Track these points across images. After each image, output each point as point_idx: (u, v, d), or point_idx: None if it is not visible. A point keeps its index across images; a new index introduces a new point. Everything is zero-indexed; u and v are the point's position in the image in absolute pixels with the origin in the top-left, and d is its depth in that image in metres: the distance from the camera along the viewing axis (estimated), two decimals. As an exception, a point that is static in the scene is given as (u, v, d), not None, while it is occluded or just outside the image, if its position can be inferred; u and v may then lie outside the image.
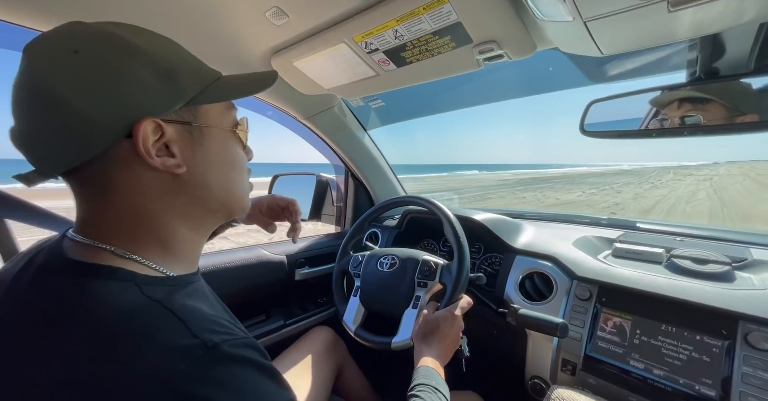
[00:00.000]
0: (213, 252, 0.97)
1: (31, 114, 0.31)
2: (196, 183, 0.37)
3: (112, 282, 0.31)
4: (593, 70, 0.74)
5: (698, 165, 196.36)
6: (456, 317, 0.67)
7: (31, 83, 0.30)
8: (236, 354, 0.29)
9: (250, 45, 0.73)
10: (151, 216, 0.35)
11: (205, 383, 0.26)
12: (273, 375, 0.32)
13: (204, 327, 0.30)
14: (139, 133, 0.31)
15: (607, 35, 0.46)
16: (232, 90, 0.38)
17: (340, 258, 0.94)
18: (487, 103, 1.04)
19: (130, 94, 0.31)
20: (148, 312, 0.29)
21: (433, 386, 0.52)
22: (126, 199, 0.33)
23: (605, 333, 0.70)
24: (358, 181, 1.29)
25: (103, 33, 0.32)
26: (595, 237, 0.94)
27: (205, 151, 0.37)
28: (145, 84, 0.32)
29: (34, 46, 0.31)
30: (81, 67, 0.30)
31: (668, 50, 0.61)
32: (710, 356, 0.58)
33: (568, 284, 0.78)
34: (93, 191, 0.34)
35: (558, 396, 0.63)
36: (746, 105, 0.46)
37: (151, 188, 0.34)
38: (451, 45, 0.60)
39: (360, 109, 1.11)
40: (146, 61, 0.32)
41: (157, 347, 0.27)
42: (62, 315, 0.28)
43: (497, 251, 0.98)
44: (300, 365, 0.83)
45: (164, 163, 0.33)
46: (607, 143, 20.78)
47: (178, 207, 0.36)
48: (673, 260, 0.73)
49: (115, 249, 0.33)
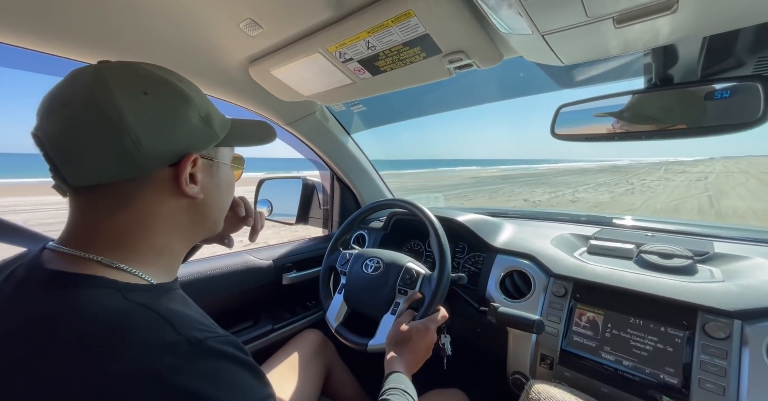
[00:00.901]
0: (199, 259, 0.97)
1: (83, 131, 0.34)
2: (205, 206, 0.44)
3: (94, 290, 0.32)
4: (561, 76, 0.76)
5: (694, 161, 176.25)
6: (429, 330, 0.70)
7: (95, 102, 0.34)
8: (219, 350, 0.31)
9: (227, 54, 0.74)
10: (156, 231, 0.39)
11: (190, 376, 0.28)
12: (254, 371, 0.34)
13: (188, 326, 0.32)
14: (185, 164, 0.39)
15: (564, 47, 0.48)
16: (246, 137, 0.48)
17: (329, 253, 0.96)
18: (465, 107, 1.06)
19: (181, 132, 0.38)
20: (133, 314, 0.31)
21: (402, 389, 0.55)
22: (140, 214, 0.38)
23: (579, 327, 0.73)
24: (344, 184, 1.31)
25: (162, 79, 0.38)
26: (572, 234, 0.97)
27: (218, 181, 0.45)
28: (194, 125, 0.40)
29: (103, 77, 0.35)
30: (150, 107, 0.36)
31: (628, 58, 0.63)
32: (673, 346, 0.61)
33: (545, 281, 0.81)
34: (110, 204, 0.36)
35: (534, 390, 0.66)
36: (695, 111, 0.49)
37: (168, 208, 0.40)
38: (422, 55, 0.62)
39: (342, 113, 1.13)
40: (194, 107, 0.40)
41: (143, 344, 0.29)
42: (49, 326, 0.30)
43: (479, 250, 1.01)
44: (289, 367, 0.85)
45: (191, 190, 0.40)
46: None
47: (181, 223, 0.42)
48: (642, 255, 0.77)
49: (103, 259, 0.35)
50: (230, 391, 0.30)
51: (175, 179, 0.39)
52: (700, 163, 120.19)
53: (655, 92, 0.54)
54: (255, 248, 1.11)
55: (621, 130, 0.59)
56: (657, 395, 0.60)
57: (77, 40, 0.62)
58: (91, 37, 0.62)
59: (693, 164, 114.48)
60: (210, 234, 0.48)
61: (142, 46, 0.66)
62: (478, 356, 0.99)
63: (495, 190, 28.92)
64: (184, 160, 0.39)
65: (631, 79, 0.68)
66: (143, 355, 0.28)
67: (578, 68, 0.70)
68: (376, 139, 48.72)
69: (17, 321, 0.31)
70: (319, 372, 0.90)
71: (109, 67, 0.37)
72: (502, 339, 0.85)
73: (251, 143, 0.48)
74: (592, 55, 0.49)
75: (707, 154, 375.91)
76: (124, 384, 0.27)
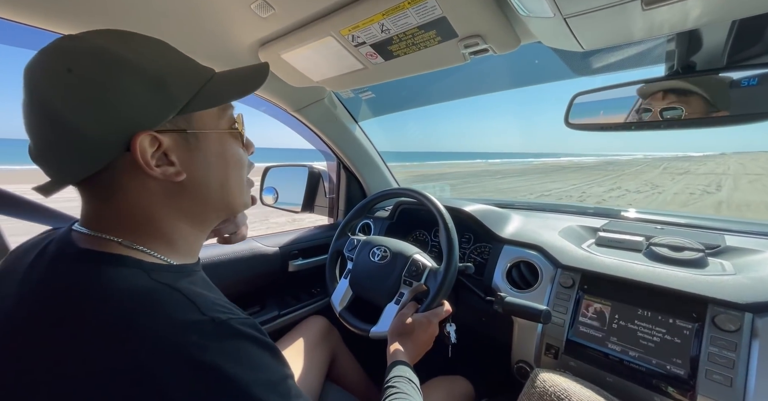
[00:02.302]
0: (206, 245, 0.98)
1: (40, 132, 0.33)
2: (198, 185, 0.38)
3: (123, 269, 0.33)
4: (578, 63, 0.75)
5: (703, 156, 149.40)
6: (431, 323, 0.70)
7: (36, 102, 0.32)
8: (241, 330, 0.32)
9: (237, 37, 0.72)
10: (155, 217, 0.37)
11: (215, 353, 0.29)
12: (274, 352, 0.34)
13: (211, 307, 0.32)
14: (136, 147, 0.32)
15: (586, 31, 0.47)
16: (224, 93, 0.39)
17: (337, 238, 0.97)
18: (476, 94, 1.04)
19: (122, 109, 0.32)
20: (159, 293, 0.32)
21: (407, 377, 0.56)
22: (131, 202, 0.36)
23: (586, 318, 0.73)
24: (350, 173, 1.30)
25: (92, 48, 0.32)
26: (580, 226, 0.97)
27: (204, 154, 0.38)
28: (136, 97, 0.33)
29: (33, 67, 0.32)
30: (74, 86, 0.31)
31: (649, 44, 0.62)
32: (681, 338, 0.61)
33: (552, 272, 0.81)
34: (100, 194, 0.36)
35: (540, 378, 0.67)
36: (719, 99, 0.48)
37: (155, 193, 0.36)
38: (437, 39, 0.60)
39: (351, 100, 1.11)
40: (135, 73, 0.33)
41: (171, 321, 0.29)
42: (81, 297, 0.31)
43: (486, 241, 1.01)
44: (295, 352, 0.86)
45: (164, 173, 0.35)
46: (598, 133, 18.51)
47: (181, 207, 0.38)
48: (652, 248, 0.76)
49: (122, 241, 0.35)
50: (252, 370, 0.30)
51: (137, 162, 0.33)
52: (710, 159, 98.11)
53: (676, 80, 0.53)
54: (261, 235, 1.12)
55: (638, 119, 0.58)
56: (662, 385, 0.61)
57: (84, 17, 0.60)
58: (97, 16, 0.60)
59: (701, 161, 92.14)
60: (226, 215, 0.44)
61: (151, 26, 0.65)
62: (483, 345, 1.00)
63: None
64: (133, 141, 0.32)
65: (650, 67, 0.66)
66: (170, 332, 0.29)
67: (596, 55, 0.68)
68: (382, 127, 47.61)
69: (51, 293, 0.32)
70: (325, 357, 0.91)
71: (43, 50, 0.32)
72: (507, 328, 0.86)
73: (233, 97, 0.39)
74: (615, 39, 0.47)
75: (717, 149, 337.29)
76: (152, 358, 0.27)
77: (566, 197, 21.90)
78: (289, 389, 0.33)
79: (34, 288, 0.33)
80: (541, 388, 0.64)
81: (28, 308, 0.32)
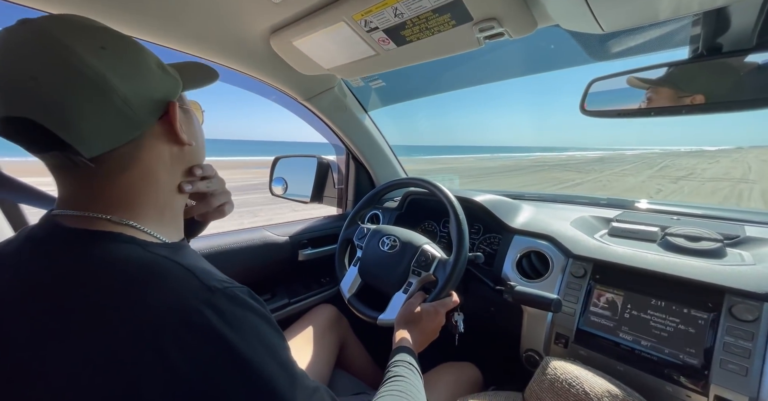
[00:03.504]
0: (217, 233, 0.99)
1: (77, 97, 0.31)
2: (195, 152, 0.44)
3: (118, 244, 0.34)
4: (595, 48, 0.72)
5: (717, 151, 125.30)
6: (439, 313, 0.71)
7: (70, 66, 0.31)
8: (239, 298, 0.33)
9: (249, 24, 0.72)
10: (160, 185, 0.39)
11: (216, 320, 0.30)
12: (270, 321, 0.35)
13: (209, 277, 0.33)
14: (175, 113, 0.38)
15: (609, 11, 0.45)
16: (196, 80, 0.45)
17: (347, 226, 0.98)
18: (488, 82, 1.02)
19: (153, 81, 0.36)
20: (157, 263, 0.33)
21: (408, 361, 0.57)
22: (144, 172, 0.37)
23: (597, 308, 0.73)
24: (359, 163, 1.30)
25: (107, 29, 0.35)
26: (592, 217, 0.95)
27: (193, 124, 0.44)
28: (157, 73, 0.37)
29: (59, 31, 0.31)
30: (115, 61, 0.33)
31: (671, 26, 0.59)
32: (695, 328, 0.60)
33: (563, 262, 0.80)
34: (110, 168, 0.35)
35: (551, 366, 0.67)
36: (747, 82, 0.46)
37: (166, 161, 0.39)
38: (452, 23, 0.59)
39: (360, 89, 1.10)
40: (148, 54, 0.37)
41: (171, 289, 0.31)
42: (83, 273, 0.31)
43: (496, 231, 1.01)
44: (304, 340, 0.87)
45: (185, 139, 0.40)
46: (613, 124, 17.00)
47: (179, 173, 0.42)
48: (667, 238, 0.75)
49: (112, 217, 0.35)
50: (251, 336, 0.31)
51: (169, 131, 0.38)
52: (724, 155, 77.94)
53: (701, 62, 0.51)
54: (272, 225, 1.13)
55: (659, 104, 0.56)
56: (674, 374, 0.60)
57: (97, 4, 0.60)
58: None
59: (712, 156, 71.76)
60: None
61: (161, 13, 0.65)
62: (491, 334, 1.01)
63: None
64: (171, 108, 0.38)
65: (671, 50, 0.64)
66: (172, 299, 0.30)
67: (615, 38, 0.66)
68: (392, 118, 46.45)
69: (45, 277, 0.32)
70: (334, 345, 0.92)
71: (46, 23, 0.32)
72: (516, 317, 0.86)
73: (202, 84, 0.46)
74: (638, 20, 0.46)
75: (732, 142, 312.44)
76: (155, 324, 0.29)
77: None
78: (288, 357, 0.34)
79: (29, 272, 0.33)
80: (552, 375, 0.64)
81: (23, 292, 0.32)
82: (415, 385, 0.52)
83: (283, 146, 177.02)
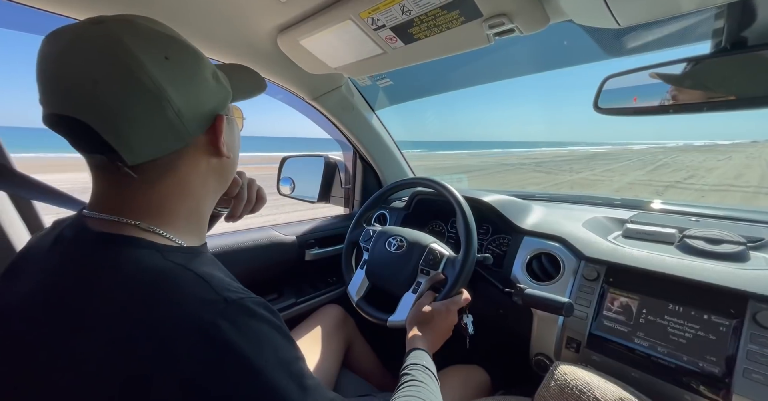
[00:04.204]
0: (225, 233, 1.00)
1: (132, 105, 0.32)
2: (231, 164, 0.45)
3: (139, 250, 0.34)
4: (609, 43, 0.70)
5: (732, 145, 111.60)
6: (450, 312, 0.69)
7: (129, 73, 0.31)
8: (253, 310, 0.32)
9: (256, 24, 0.72)
10: (189, 197, 0.40)
11: (229, 331, 0.29)
12: (284, 333, 0.34)
13: (223, 287, 0.33)
14: (220, 127, 0.39)
15: (625, 5, 0.43)
16: (244, 89, 0.45)
17: (352, 229, 0.97)
18: (497, 80, 1.01)
19: (206, 93, 0.37)
20: (174, 272, 0.33)
21: (424, 365, 0.55)
22: (180, 181, 0.38)
23: (611, 312, 0.70)
24: (366, 163, 1.29)
25: (171, 37, 0.35)
26: (606, 218, 0.93)
27: (234, 137, 0.45)
28: (211, 84, 0.38)
29: (127, 36, 0.31)
30: (175, 72, 0.34)
31: (691, 19, 0.57)
32: (716, 334, 0.58)
33: (575, 264, 0.78)
34: (149, 176, 0.36)
35: (560, 371, 0.65)
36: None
37: (201, 172, 0.40)
38: (460, 20, 0.58)
39: (368, 88, 1.10)
40: (206, 64, 0.38)
41: (188, 299, 0.30)
42: (100, 278, 0.32)
43: (505, 232, 0.99)
44: (311, 340, 0.87)
45: (228, 152, 0.41)
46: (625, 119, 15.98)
47: (210, 185, 0.42)
48: (686, 240, 0.72)
49: (140, 224, 0.36)
50: (264, 348, 0.31)
51: (212, 143, 0.39)
52: (735, 150, 66.12)
53: (724, 57, 0.48)
54: (279, 224, 1.13)
55: (678, 101, 0.54)
56: (693, 382, 0.58)
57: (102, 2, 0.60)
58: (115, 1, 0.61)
59: (723, 153, 59.34)
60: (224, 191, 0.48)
61: (169, 12, 0.65)
62: (500, 337, 0.99)
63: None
64: (218, 122, 0.39)
65: (690, 45, 0.61)
66: (187, 309, 0.30)
67: (631, 33, 0.63)
68: (399, 115, 45.47)
69: (70, 278, 0.33)
70: (341, 345, 0.92)
71: (117, 27, 0.32)
72: (526, 321, 0.84)
73: (251, 94, 0.47)
74: (658, 13, 0.44)
75: (745, 136, 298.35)
76: (170, 334, 0.28)
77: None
78: (301, 369, 0.33)
79: (55, 273, 0.34)
80: (561, 381, 0.62)
81: (48, 293, 0.33)
82: (432, 391, 0.50)
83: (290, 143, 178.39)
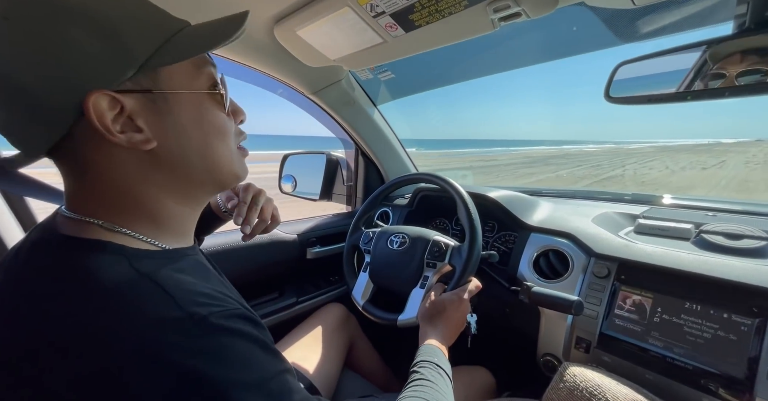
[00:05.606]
0: (225, 231, 0.98)
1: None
2: (173, 155, 0.34)
3: (102, 256, 0.30)
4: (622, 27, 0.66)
5: (736, 142, 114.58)
6: (462, 300, 0.66)
7: None
8: (224, 326, 0.29)
9: (252, 13, 0.68)
10: (133, 192, 0.33)
11: (193, 355, 0.26)
12: (264, 345, 0.31)
13: (191, 300, 0.29)
14: (89, 108, 0.28)
15: (641, -20, 0.40)
16: (193, 45, 0.33)
17: (351, 233, 0.94)
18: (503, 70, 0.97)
19: (72, 64, 0.28)
20: (136, 287, 0.29)
21: (435, 362, 0.52)
22: (103, 176, 0.32)
23: (623, 311, 0.67)
24: (368, 159, 1.27)
25: None
26: (617, 213, 0.89)
27: (176, 119, 0.33)
28: (88, 50, 0.28)
29: None
30: (14, 37, 0.26)
31: None
32: (737, 334, 0.55)
33: (585, 261, 0.75)
34: (72, 168, 0.33)
35: (569, 372, 0.62)
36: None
37: (126, 164, 0.32)
38: (463, 3, 0.55)
39: (369, 82, 1.07)
40: (85, 22, 0.28)
41: (146, 320, 0.27)
42: (54, 290, 0.28)
43: (511, 229, 0.96)
44: (313, 340, 0.85)
45: (130, 140, 0.31)
46: (627, 116, 15.34)
47: (160, 181, 0.34)
48: (703, 236, 0.69)
49: (103, 223, 0.32)
50: (237, 368, 0.28)
51: (97, 130, 0.29)
52: (736, 150, 61.64)
53: (747, 38, 0.45)
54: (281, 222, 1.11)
55: (696, 86, 0.50)
56: (712, 385, 0.55)
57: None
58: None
59: (719, 156, 52.55)
60: (217, 190, 0.40)
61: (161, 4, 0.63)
62: (506, 336, 0.96)
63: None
64: (85, 101, 0.28)
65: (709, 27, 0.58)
66: (145, 332, 0.26)
67: (647, 16, 0.60)
68: (402, 112, 44.95)
69: (29, 285, 0.30)
70: (343, 344, 0.90)
71: None
72: (533, 320, 0.81)
73: (199, 49, 0.33)
74: (676, -11, 0.41)
75: (744, 135, 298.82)
76: (126, 360, 0.25)
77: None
78: (283, 386, 0.30)
79: (13, 279, 0.31)
80: (571, 383, 0.60)
81: (3, 299, 0.30)
82: (441, 391, 0.47)
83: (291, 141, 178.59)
